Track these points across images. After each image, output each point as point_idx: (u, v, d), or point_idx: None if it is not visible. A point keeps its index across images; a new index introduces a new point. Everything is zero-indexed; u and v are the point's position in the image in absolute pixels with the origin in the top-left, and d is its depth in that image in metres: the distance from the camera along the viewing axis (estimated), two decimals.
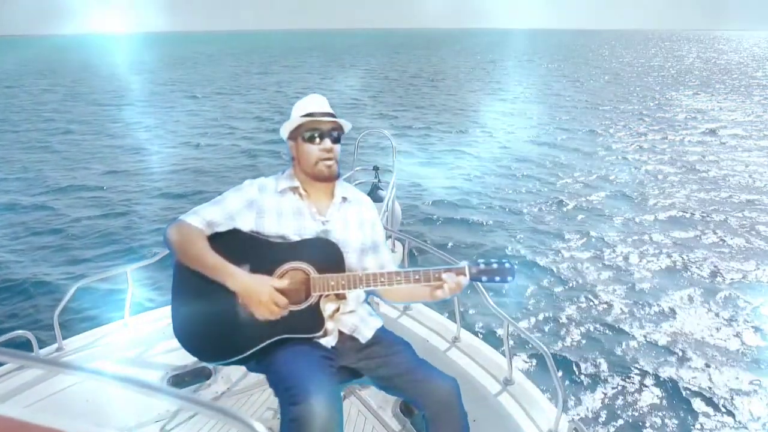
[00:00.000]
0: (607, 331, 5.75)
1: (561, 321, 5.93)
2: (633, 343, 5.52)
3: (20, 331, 2.37)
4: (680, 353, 5.31)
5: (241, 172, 11.83)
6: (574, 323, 5.89)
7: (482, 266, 1.80)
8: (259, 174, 2.02)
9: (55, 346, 2.56)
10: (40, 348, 2.50)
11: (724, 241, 8.17)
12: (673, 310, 6.14)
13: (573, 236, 8.31)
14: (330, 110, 1.91)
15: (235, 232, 1.80)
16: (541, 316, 6.01)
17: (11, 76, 39.01)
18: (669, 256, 7.62)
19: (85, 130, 17.25)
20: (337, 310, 1.87)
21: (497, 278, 1.79)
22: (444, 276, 1.76)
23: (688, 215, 9.30)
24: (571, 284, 6.79)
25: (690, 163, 12.94)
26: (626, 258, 7.56)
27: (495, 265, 1.79)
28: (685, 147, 14.81)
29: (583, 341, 5.56)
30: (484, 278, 1.80)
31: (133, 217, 9.06)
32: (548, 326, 5.83)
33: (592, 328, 5.80)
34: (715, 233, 8.46)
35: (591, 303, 6.32)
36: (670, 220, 9.13)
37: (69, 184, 11.03)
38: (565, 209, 9.65)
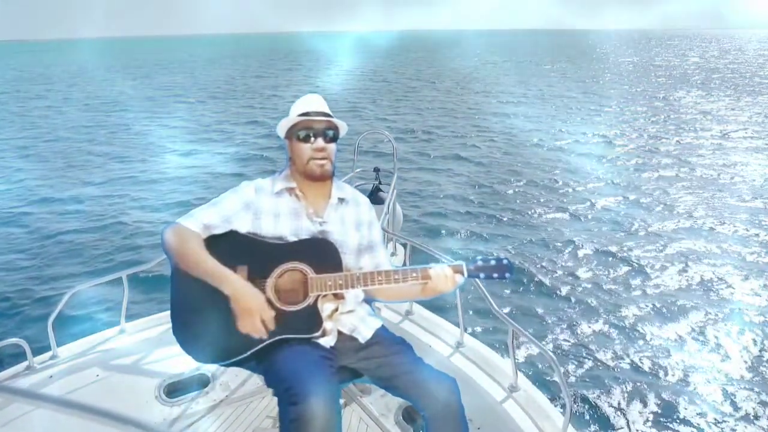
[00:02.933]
0: (616, 337, 5.67)
1: (568, 326, 5.85)
2: (644, 350, 5.43)
3: (14, 339, 2.33)
4: (693, 363, 5.21)
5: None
6: (581, 328, 5.81)
7: (479, 263, 1.80)
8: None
9: (49, 353, 2.52)
10: (34, 356, 2.46)
11: (737, 248, 7.99)
12: (687, 319, 6.00)
13: (580, 240, 8.23)
14: (326, 110, 1.92)
15: (232, 234, 1.80)
16: (547, 321, 5.93)
17: None
18: (682, 262, 7.47)
19: (76, 137, 17.26)
20: (336, 310, 1.87)
21: (495, 275, 1.79)
22: (432, 270, 1.77)
23: (699, 221, 9.15)
24: (577, 289, 6.72)
25: (699, 167, 12.79)
26: (636, 263, 7.44)
27: (492, 262, 1.80)
28: (694, 150, 14.67)
29: (592, 347, 5.48)
30: (481, 275, 1.80)
31: (128, 223, 9.04)
32: (555, 331, 5.75)
33: (600, 334, 5.71)
34: (728, 239, 8.29)
35: (599, 308, 6.24)
36: (682, 225, 8.97)
37: (62, 191, 11.02)
38: (570, 213, 9.58)
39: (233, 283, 1.69)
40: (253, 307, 1.68)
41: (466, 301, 2.64)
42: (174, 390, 2.68)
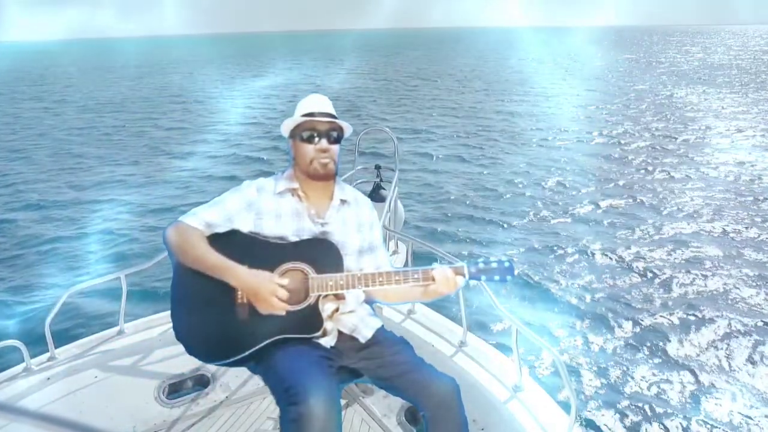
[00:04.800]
0: (621, 337, 5.62)
1: (573, 325, 5.81)
2: (649, 349, 5.39)
3: (11, 341, 2.30)
4: (700, 364, 5.15)
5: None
6: (586, 327, 5.77)
7: (481, 265, 1.79)
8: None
9: (47, 355, 2.49)
10: (32, 357, 2.43)
11: (748, 252, 7.79)
12: (695, 323, 5.91)
13: (585, 239, 8.18)
14: (330, 111, 1.92)
15: (234, 233, 1.80)
16: (552, 320, 5.89)
17: None
18: (691, 265, 7.34)
19: (73, 139, 17.28)
20: (337, 310, 1.86)
21: (496, 277, 1.78)
22: (435, 272, 1.76)
23: (708, 220, 9.05)
24: (582, 289, 6.67)
25: (713, 165, 12.64)
26: (643, 266, 7.35)
27: (494, 264, 1.78)
28: (702, 148, 14.54)
29: (597, 347, 5.44)
30: (483, 277, 1.79)
31: (126, 223, 9.02)
32: (560, 330, 5.71)
33: (605, 333, 5.67)
34: (739, 243, 8.13)
35: (604, 308, 6.18)
36: (691, 228, 8.84)
37: (62, 193, 11.04)
38: (576, 212, 9.52)
39: (237, 273, 1.69)
40: (262, 291, 1.67)
41: (469, 300, 2.60)
42: (174, 391, 2.66)
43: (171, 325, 1.80)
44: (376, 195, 3.86)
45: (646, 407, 4.54)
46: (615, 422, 4.36)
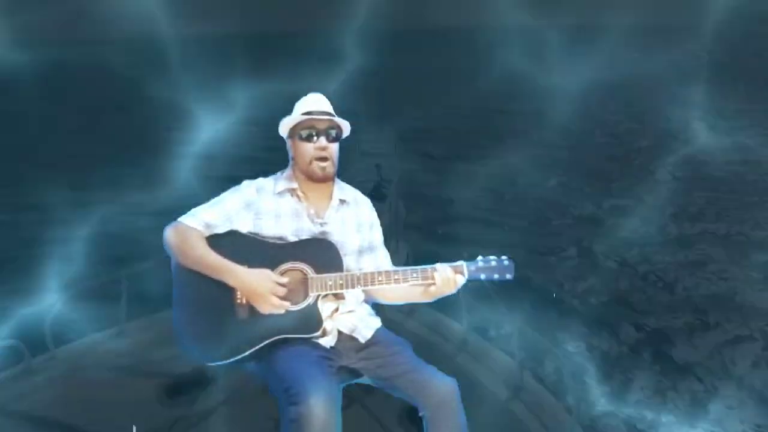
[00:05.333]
0: (625, 338, 5.59)
1: (575, 325, 5.79)
2: (652, 350, 5.36)
3: (11, 341, 2.31)
4: (704, 367, 5.11)
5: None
6: (588, 326, 5.75)
7: (480, 264, 1.80)
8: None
9: (48, 355, 2.49)
10: (33, 357, 2.43)
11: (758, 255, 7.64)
12: (699, 323, 5.86)
13: (587, 239, 8.15)
14: (329, 109, 1.94)
15: (233, 234, 1.83)
16: (553, 320, 5.87)
17: None
18: (694, 263, 7.31)
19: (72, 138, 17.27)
20: (336, 310, 1.87)
21: (496, 275, 1.78)
22: (434, 271, 1.75)
23: (711, 221, 8.98)
24: (584, 287, 6.65)
25: (716, 165, 12.52)
26: (647, 264, 7.30)
27: (494, 263, 1.79)
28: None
29: (599, 346, 5.42)
30: (482, 276, 1.78)
31: (126, 224, 8.99)
32: (561, 330, 5.68)
33: (607, 334, 5.64)
34: (749, 240, 8.06)
35: (606, 307, 6.17)
36: (695, 225, 8.80)
37: (61, 193, 11.01)
38: (577, 212, 9.50)
39: (236, 273, 1.71)
40: (260, 290, 1.69)
41: (469, 299, 2.60)
42: (174, 391, 2.66)
43: (171, 325, 1.80)
44: (376, 194, 3.87)
45: (649, 410, 4.53)
46: (617, 423, 4.35)
